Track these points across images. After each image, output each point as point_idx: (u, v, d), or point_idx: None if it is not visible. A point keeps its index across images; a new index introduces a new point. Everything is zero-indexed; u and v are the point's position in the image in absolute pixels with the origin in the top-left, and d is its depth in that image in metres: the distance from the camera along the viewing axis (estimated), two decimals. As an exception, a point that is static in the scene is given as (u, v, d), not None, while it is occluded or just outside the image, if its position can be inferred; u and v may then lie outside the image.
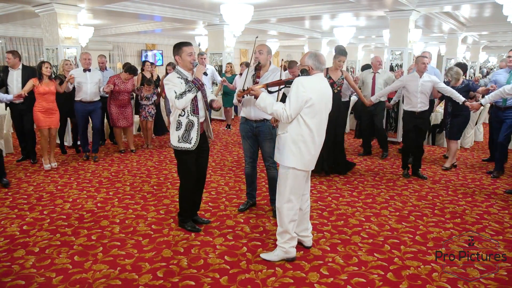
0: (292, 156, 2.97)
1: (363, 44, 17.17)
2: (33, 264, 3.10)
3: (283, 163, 3.03)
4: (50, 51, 7.13)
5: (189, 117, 3.40)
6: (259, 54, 3.80)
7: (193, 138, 3.42)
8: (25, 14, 8.18)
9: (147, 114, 7.12)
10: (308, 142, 2.96)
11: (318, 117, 2.96)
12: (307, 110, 2.89)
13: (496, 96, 4.98)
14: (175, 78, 3.34)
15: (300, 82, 2.89)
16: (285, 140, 3.00)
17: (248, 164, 4.15)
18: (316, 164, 3.17)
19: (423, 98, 5.30)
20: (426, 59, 5.30)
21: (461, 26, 11.15)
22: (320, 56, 3.04)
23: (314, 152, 3.03)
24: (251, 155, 4.09)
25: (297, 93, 2.87)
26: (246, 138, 4.03)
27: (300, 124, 2.93)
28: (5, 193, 4.75)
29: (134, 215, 4.11)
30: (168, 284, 2.84)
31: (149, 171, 5.72)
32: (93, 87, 6.12)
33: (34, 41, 12.79)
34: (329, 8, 8.43)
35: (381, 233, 3.70)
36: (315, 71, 3.01)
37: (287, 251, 3.10)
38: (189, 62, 3.37)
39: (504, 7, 5.93)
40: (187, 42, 3.42)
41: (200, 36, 13.16)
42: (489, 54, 22.71)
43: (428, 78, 5.27)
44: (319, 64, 3.01)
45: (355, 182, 5.27)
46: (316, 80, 2.97)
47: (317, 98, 2.90)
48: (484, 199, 4.66)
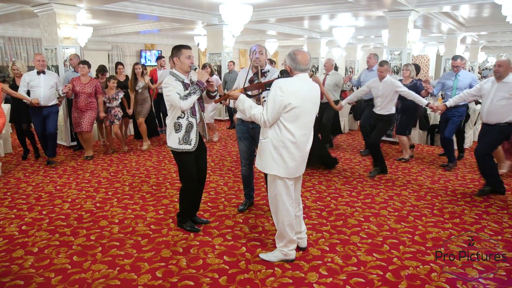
0: (274, 163, 2.87)
1: (362, 44, 17.17)
2: (32, 264, 3.09)
3: (264, 170, 2.96)
4: (49, 51, 7.12)
5: (189, 119, 3.41)
6: (260, 55, 3.78)
7: (193, 139, 3.44)
8: (24, 14, 8.16)
9: (113, 118, 6.52)
10: (290, 148, 2.83)
11: (302, 120, 2.82)
12: (287, 115, 2.76)
13: (460, 99, 5.19)
14: (173, 81, 3.33)
15: (278, 85, 2.74)
16: (265, 147, 2.90)
17: (245, 166, 4.14)
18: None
19: (383, 103, 5.46)
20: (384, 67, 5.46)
21: (460, 26, 11.16)
22: (298, 55, 2.82)
23: (299, 158, 2.90)
24: (248, 156, 4.10)
25: (275, 97, 2.73)
26: (243, 139, 4.03)
27: (280, 129, 2.81)
28: (4, 193, 4.75)
29: (133, 215, 4.11)
30: (167, 284, 2.84)
31: (148, 171, 5.72)
32: (48, 91, 5.75)
33: (33, 41, 12.78)
34: (328, 8, 8.43)
35: (380, 233, 3.71)
36: (295, 72, 2.84)
37: (287, 254, 3.09)
38: (188, 65, 3.37)
39: (503, 7, 5.95)
40: (186, 46, 3.42)
41: (199, 36, 13.15)
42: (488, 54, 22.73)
43: (389, 83, 5.38)
44: (296, 65, 2.82)
45: (354, 182, 5.28)
46: (296, 82, 2.81)
47: (298, 101, 2.75)
48: (483, 199, 4.66)
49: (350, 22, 10.73)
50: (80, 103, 6.07)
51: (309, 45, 14.35)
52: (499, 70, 4.51)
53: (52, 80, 5.83)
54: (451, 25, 10.31)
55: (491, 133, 4.69)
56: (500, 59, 4.67)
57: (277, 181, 2.94)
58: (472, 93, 4.96)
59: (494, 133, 4.67)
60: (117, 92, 6.54)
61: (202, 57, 16.72)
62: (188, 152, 3.46)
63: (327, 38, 13.82)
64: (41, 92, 5.69)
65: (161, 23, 10.93)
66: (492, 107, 4.57)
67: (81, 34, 9.04)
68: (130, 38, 15.11)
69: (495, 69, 4.56)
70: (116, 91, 6.53)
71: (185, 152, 3.45)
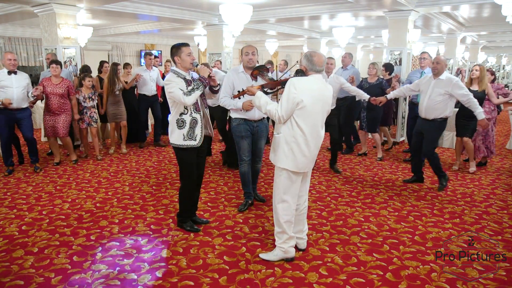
0: (285, 157, 2.97)
1: (362, 44, 17.17)
2: (32, 264, 3.09)
3: (276, 163, 3.05)
4: (49, 51, 7.12)
5: (192, 115, 3.42)
6: (252, 56, 3.99)
7: (198, 135, 3.46)
8: (24, 14, 8.17)
9: (89, 120, 6.22)
10: (301, 144, 2.94)
11: (312, 119, 2.92)
12: (299, 112, 2.87)
13: (400, 92, 5.36)
14: (175, 78, 3.35)
15: (292, 83, 2.86)
16: (278, 141, 3.01)
17: (246, 163, 4.22)
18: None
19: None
20: (332, 60, 5.59)
21: (460, 26, 11.16)
22: (314, 56, 2.95)
23: (308, 154, 2.99)
24: (249, 154, 4.21)
25: (289, 94, 2.85)
26: (246, 137, 4.13)
27: (292, 125, 2.92)
28: (4, 193, 4.75)
29: (133, 215, 4.11)
30: (167, 284, 2.84)
31: (148, 171, 5.72)
32: (20, 92, 5.33)
33: (33, 41, 12.77)
34: (328, 8, 8.43)
35: (380, 233, 3.71)
36: (310, 72, 2.97)
37: (286, 251, 3.10)
38: (189, 62, 3.40)
39: (503, 7, 5.94)
40: (185, 43, 3.45)
41: (199, 36, 13.14)
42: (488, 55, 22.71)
43: (336, 79, 5.46)
44: (312, 65, 2.94)
45: (354, 182, 5.28)
46: (310, 81, 2.92)
47: (310, 100, 2.86)
48: (483, 199, 4.66)
49: (350, 22, 10.73)
50: (53, 105, 5.73)
51: (309, 45, 14.35)
52: (437, 67, 4.65)
53: (24, 81, 5.42)
54: (451, 25, 10.31)
55: (430, 130, 4.83)
56: (438, 56, 4.79)
57: (284, 175, 3.02)
58: (411, 88, 5.15)
59: (433, 129, 4.83)
60: (93, 92, 6.22)
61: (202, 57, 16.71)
62: (192, 148, 3.47)
63: (327, 38, 13.81)
64: (13, 93, 5.27)
65: (161, 23, 10.92)
66: (430, 102, 4.73)
67: (81, 34, 9.02)
68: (130, 38, 15.10)
69: (434, 66, 4.69)
70: (92, 90, 6.21)
71: (190, 148, 3.46)
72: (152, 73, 7.20)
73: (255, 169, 4.38)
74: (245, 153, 4.17)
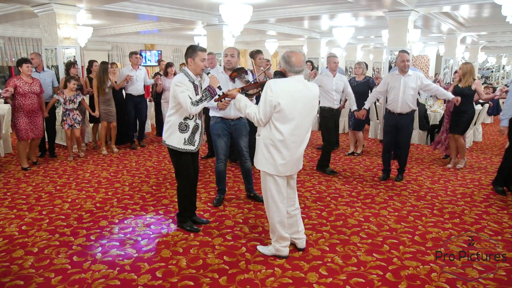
0: (265, 160, 2.95)
1: (362, 44, 17.17)
2: (32, 264, 3.09)
3: (257, 166, 3.05)
4: (49, 51, 7.12)
5: (196, 121, 3.45)
6: (231, 57, 4.08)
7: (197, 140, 3.49)
8: (24, 14, 8.16)
9: (72, 122, 6.09)
10: (279, 147, 2.88)
11: (293, 122, 2.84)
12: (277, 115, 2.81)
13: (372, 99, 5.52)
14: (186, 81, 3.31)
15: (269, 86, 2.78)
16: (258, 143, 3.00)
17: (222, 162, 4.29)
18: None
19: (337, 96, 5.62)
20: (337, 59, 5.64)
21: (460, 27, 11.16)
22: (292, 57, 2.83)
23: (288, 157, 2.92)
24: (225, 152, 4.29)
25: (265, 97, 2.79)
26: (222, 136, 4.20)
27: (271, 128, 2.88)
28: (4, 193, 4.75)
29: (133, 215, 4.11)
30: (167, 284, 2.84)
31: (148, 171, 5.72)
32: None
33: (33, 41, 12.77)
34: (328, 8, 8.44)
35: (380, 233, 3.71)
36: (289, 74, 2.87)
37: (278, 250, 3.15)
38: (201, 68, 3.38)
39: (503, 7, 5.95)
40: (203, 48, 3.40)
41: (199, 36, 13.15)
42: (488, 55, 22.73)
43: (340, 78, 5.58)
44: (291, 67, 2.84)
45: (354, 182, 5.28)
46: (289, 83, 2.83)
47: (288, 103, 2.77)
48: (483, 199, 4.66)
49: (350, 22, 10.73)
50: (31, 105, 5.53)
51: (309, 45, 14.35)
52: (407, 64, 4.97)
53: None
54: (451, 25, 10.31)
55: (405, 124, 5.13)
56: (406, 55, 4.99)
57: (267, 178, 3.02)
58: (379, 90, 5.32)
59: (410, 121, 5.18)
60: (75, 94, 6.11)
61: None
62: (190, 153, 3.48)
63: (327, 38, 13.82)
64: None
65: (161, 23, 10.92)
66: (405, 97, 5.01)
67: (81, 34, 9.02)
68: (130, 38, 15.10)
69: (405, 64, 4.97)
70: (75, 93, 6.10)
71: (187, 152, 3.47)
72: (139, 73, 7.06)
73: (245, 168, 4.41)
74: (222, 152, 4.24)
